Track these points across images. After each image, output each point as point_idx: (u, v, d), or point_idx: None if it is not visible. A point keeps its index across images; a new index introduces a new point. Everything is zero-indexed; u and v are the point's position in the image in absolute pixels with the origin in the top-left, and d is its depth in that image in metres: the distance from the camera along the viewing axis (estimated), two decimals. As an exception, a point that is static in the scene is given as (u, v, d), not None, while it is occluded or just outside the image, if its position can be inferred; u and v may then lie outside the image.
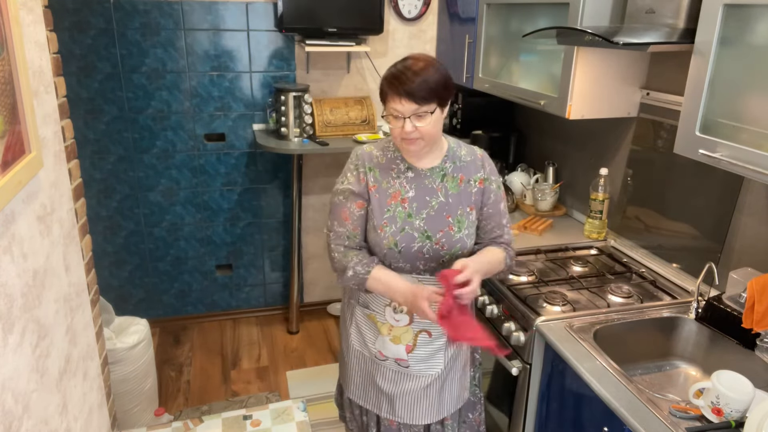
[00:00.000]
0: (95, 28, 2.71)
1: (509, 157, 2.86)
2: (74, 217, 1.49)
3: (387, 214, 1.45)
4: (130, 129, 2.92)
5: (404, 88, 1.31)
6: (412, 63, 1.34)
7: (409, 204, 1.45)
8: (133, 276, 3.20)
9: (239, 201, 3.20)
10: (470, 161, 1.51)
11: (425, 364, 1.55)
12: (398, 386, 1.58)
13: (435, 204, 1.45)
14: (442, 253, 1.45)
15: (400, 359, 1.54)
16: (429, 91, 1.32)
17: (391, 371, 1.57)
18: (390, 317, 1.52)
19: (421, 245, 1.44)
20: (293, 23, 2.75)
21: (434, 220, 1.44)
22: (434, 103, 1.34)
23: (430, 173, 1.47)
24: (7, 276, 1.02)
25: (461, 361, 1.62)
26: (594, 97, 1.92)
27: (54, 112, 1.38)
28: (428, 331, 1.52)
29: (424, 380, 1.56)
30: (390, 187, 1.46)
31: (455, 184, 1.47)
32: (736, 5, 1.27)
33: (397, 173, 1.47)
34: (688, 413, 1.34)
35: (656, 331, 1.67)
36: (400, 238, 1.43)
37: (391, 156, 1.48)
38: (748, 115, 1.29)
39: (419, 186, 1.46)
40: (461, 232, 1.46)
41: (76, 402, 1.37)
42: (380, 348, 1.56)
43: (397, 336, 1.52)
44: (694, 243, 1.83)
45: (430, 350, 1.54)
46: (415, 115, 1.33)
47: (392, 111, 1.35)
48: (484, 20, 2.43)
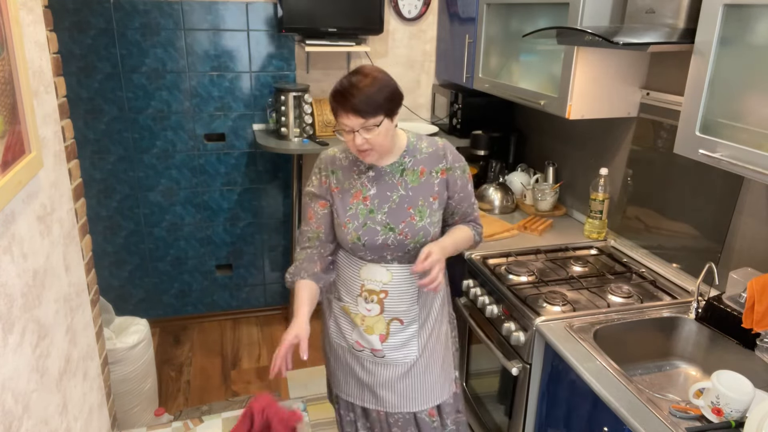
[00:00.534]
0: (95, 28, 2.71)
1: (509, 157, 2.86)
2: (74, 217, 1.49)
3: (350, 212, 1.53)
4: (130, 129, 2.92)
5: (350, 104, 1.36)
6: (358, 80, 1.38)
7: (370, 201, 1.53)
8: (133, 276, 3.20)
9: (239, 201, 3.20)
10: (431, 153, 1.57)
11: (399, 352, 1.61)
12: (377, 376, 1.64)
13: (396, 198, 1.53)
14: (407, 242, 1.52)
15: (375, 350, 1.61)
16: (374, 105, 1.37)
17: (369, 362, 1.64)
18: (362, 307, 1.59)
19: (385, 237, 1.51)
20: (293, 23, 2.75)
21: (396, 213, 1.52)
22: (381, 115, 1.39)
23: (389, 169, 1.54)
24: (7, 276, 1.02)
25: (439, 351, 1.68)
26: (594, 97, 1.92)
27: (54, 112, 1.38)
28: (400, 319, 1.59)
29: (401, 368, 1.63)
30: (352, 187, 1.54)
31: (416, 177, 1.54)
32: (736, 5, 1.27)
33: (359, 173, 1.55)
34: (688, 413, 1.34)
35: (656, 331, 1.67)
36: (363, 233, 1.51)
37: (353, 158, 1.55)
38: (748, 115, 1.29)
39: (380, 183, 1.53)
40: (423, 220, 1.52)
41: (76, 402, 1.37)
42: (357, 338, 1.63)
43: (370, 326, 1.59)
44: (694, 243, 1.83)
45: (404, 338, 1.61)
46: (363, 128, 1.39)
47: (341, 125, 1.41)
48: (484, 20, 2.43)
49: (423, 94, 3.27)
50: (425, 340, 1.64)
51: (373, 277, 1.56)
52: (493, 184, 2.59)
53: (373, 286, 1.57)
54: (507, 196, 2.55)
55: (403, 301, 1.58)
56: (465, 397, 2.23)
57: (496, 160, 2.81)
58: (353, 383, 1.70)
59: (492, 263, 2.04)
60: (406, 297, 1.58)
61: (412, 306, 1.59)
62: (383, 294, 1.56)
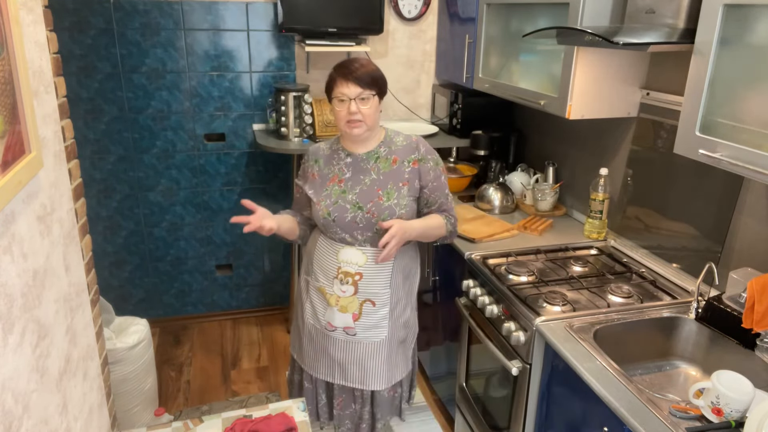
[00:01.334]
0: (95, 28, 2.71)
1: (509, 157, 2.86)
2: (74, 217, 1.49)
3: (325, 192, 1.73)
4: (130, 129, 2.92)
5: (352, 74, 1.60)
6: (357, 59, 1.66)
7: (345, 183, 1.72)
8: (133, 276, 3.20)
9: (239, 201, 3.20)
10: (405, 146, 1.75)
11: (371, 331, 1.78)
12: (348, 354, 1.81)
13: (368, 181, 1.71)
14: (374, 220, 1.68)
15: (348, 327, 1.77)
16: (371, 78, 1.62)
17: (341, 340, 1.80)
18: (337, 288, 1.74)
19: (354, 215, 1.68)
20: (293, 23, 2.75)
21: (366, 194, 1.70)
22: (374, 89, 1.63)
23: (366, 157, 1.73)
24: (7, 276, 1.02)
25: (402, 333, 1.86)
26: (594, 97, 1.92)
27: (54, 112, 1.38)
28: (372, 300, 1.75)
29: (372, 347, 1.80)
30: (330, 173, 1.75)
31: (388, 164, 1.73)
32: (736, 5, 1.27)
33: (338, 161, 1.75)
34: (688, 413, 1.34)
35: (656, 331, 1.67)
36: (333, 209, 1.69)
37: (335, 148, 1.78)
38: (748, 115, 1.29)
39: (356, 168, 1.73)
40: (389, 201, 1.69)
41: (76, 402, 1.37)
42: (329, 319, 1.78)
43: (344, 306, 1.75)
44: (694, 243, 1.83)
45: (375, 318, 1.77)
46: (359, 98, 1.61)
47: (339, 95, 1.62)
48: (484, 20, 2.43)
49: (423, 94, 3.27)
50: (394, 323, 1.81)
51: (349, 259, 1.72)
52: (493, 184, 2.59)
53: (349, 269, 1.72)
54: (507, 196, 2.55)
55: (376, 283, 1.74)
56: (465, 397, 2.23)
57: (496, 160, 2.81)
58: (324, 361, 1.85)
59: (492, 263, 2.04)
60: (379, 280, 1.74)
61: (384, 289, 1.75)
62: (358, 276, 1.72)
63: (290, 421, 1.54)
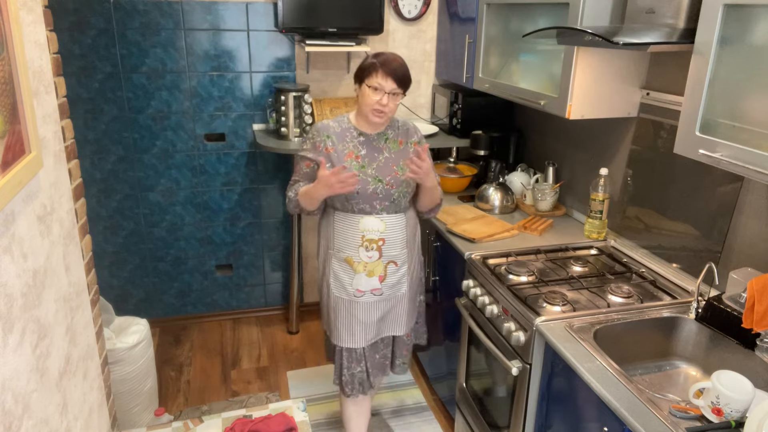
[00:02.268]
0: (95, 28, 2.71)
1: (509, 157, 2.86)
2: (74, 217, 1.49)
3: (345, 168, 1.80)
4: (130, 129, 2.92)
5: (393, 70, 1.74)
6: (396, 56, 1.78)
7: (362, 159, 1.87)
8: (133, 276, 3.20)
9: (239, 201, 3.20)
10: (407, 129, 1.96)
11: (394, 288, 1.97)
12: (375, 313, 1.98)
13: (382, 158, 1.88)
14: (393, 191, 1.86)
15: (375, 289, 1.94)
16: (407, 79, 1.78)
17: (369, 303, 1.96)
18: (364, 255, 1.90)
19: (375, 187, 1.85)
20: (293, 23, 2.75)
21: (383, 169, 1.87)
22: (404, 89, 1.79)
23: (376, 137, 1.89)
24: (7, 276, 1.02)
25: (416, 285, 2.08)
26: (594, 97, 1.92)
27: (54, 112, 1.38)
28: (395, 261, 1.93)
29: (395, 300, 1.99)
30: (345, 149, 1.87)
31: (396, 145, 1.91)
32: (736, 5, 1.27)
33: (351, 138, 1.88)
34: (688, 413, 1.34)
35: (656, 331, 1.67)
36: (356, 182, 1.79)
37: (345, 126, 1.89)
38: (748, 115, 1.29)
39: (369, 146, 1.88)
40: (403, 175, 1.87)
41: (76, 402, 1.37)
42: (357, 285, 1.93)
43: (371, 270, 1.92)
44: (694, 243, 1.83)
45: (397, 276, 1.96)
46: (393, 93, 1.76)
47: (375, 84, 1.75)
48: (484, 20, 2.43)
49: (423, 94, 3.27)
50: (411, 277, 2.01)
51: (371, 227, 1.87)
52: (493, 184, 2.59)
53: (372, 236, 1.88)
54: (507, 196, 2.55)
55: (396, 245, 1.92)
56: (465, 397, 2.23)
57: (496, 160, 2.81)
58: (357, 327, 1.98)
59: (492, 263, 2.04)
60: (398, 242, 1.92)
61: (403, 250, 1.94)
62: (381, 241, 1.89)
63: (290, 421, 1.54)
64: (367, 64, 1.77)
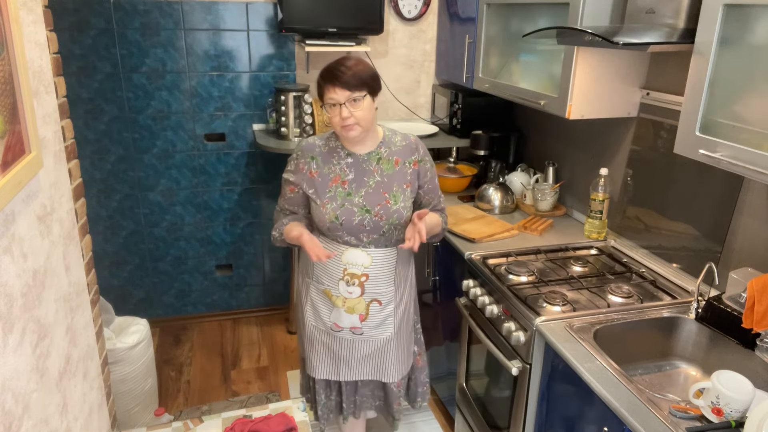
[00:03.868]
0: (95, 28, 2.71)
1: (509, 157, 2.86)
2: (74, 217, 1.49)
3: (329, 194, 1.67)
4: (130, 129, 2.92)
5: (338, 79, 1.53)
6: (345, 61, 1.58)
7: (348, 185, 1.67)
8: (133, 276, 3.20)
9: (239, 201, 3.20)
10: (405, 146, 1.73)
11: (377, 329, 1.78)
12: (354, 352, 1.81)
13: (372, 183, 1.68)
14: (382, 223, 1.66)
15: (355, 327, 1.76)
16: (359, 79, 1.55)
17: (347, 340, 1.79)
18: (343, 290, 1.72)
19: (362, 218, 1.65)
20: (293, 23, 2.75)
21: (372, 197, 1.66)
22: (365, 90, 1.56)
23: (367, 157, 1.69)
24: (7, 276, 1.02)
25: (406, 330, 1.87)
26: (594, 97, 1.92)
27: (54, 112, 1.38)
28: (378, 300, 1.74)
29: (377, 343, 1.80)
30: (331, 172, 1.68)
31: (390, 166, 1.70)
32: (736, 5, 1.27)
33: (338, 160, 1.69)
34: (688, 413, 1.34)
35: (656, 331, 1.67)
36: (341, 212, 1.65)
37: (332, 145, 1.71)
38: (748, 115, 1.29)
39: (358, 169, 1.68)
40: (398, 204, 1.68)
41: (76, 402, 1.37)
42: (335, 320, 1.76)
43: (351, 307, 1.73)
44: (694, 243, 1.83)
45: (381, 317, 1.77)
46: (350, 101, 1.55)
47: (329, 100, 1.57)
48: (484, 20, 2.43)
49: (423, 94, 3.27)
50: (399, 319, 1.81)
51: (355, 261, 1.69)
52: (493, 184, 2.59)
53: (355, 270, 1.70)
54: (507, 196, 2.55)
55: (382, 283, 1.73)
56: (465, 397, 2.23)
57: (496, 160, 2.81)
58: (328, 361, 1.85)
59: (492, 263, 2.04)
60: (385, 279, 1.73)
61: (389, 287, 1.75)
62: (364, 277, 1.70)
63: (290, 421, 1.54)
64: (317, 79, 1.60)
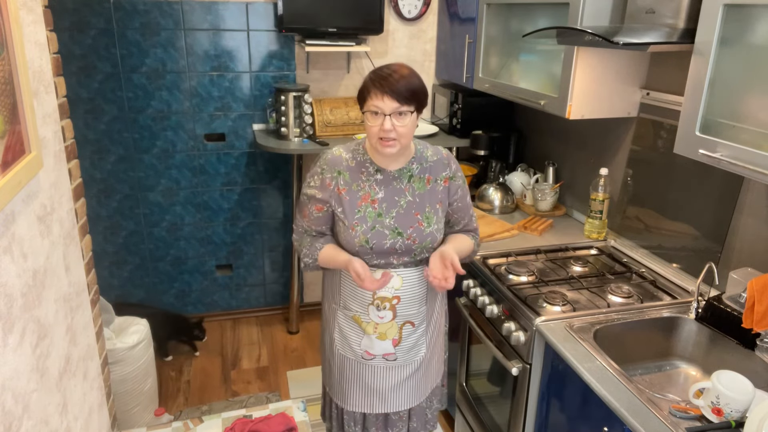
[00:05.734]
0: (95, 28, 2.71)
1: (509, 157, 2.86)
2: (74, 217, 1.49)
3: (358, 215, 1.52)
4: (130, 129, 2.92)
5: (389, 86, 1.38)
6: (398, 67, 1.42)
7: (378, 204, 1.52)
8: (133, 276, 3.20)
9: (239, 201, 3.20)
10: (436, 161, 1.58)
11: (411, 352, 1.65)
12: (386, 379, 1.66)
13: (404, 203, 1.54)
14: (414, 247, 1.53)
15: (388, 354, 1.63)
16: (411, 92, 1.41)
17: (380, 368, 1.65)
18: (374, 315, 1.58)
19: (393, 242, 1.52)
20: (293, 23, 2.75)
21: (404, 218, 1.53)
22: (413, 104, 1.43)
23: (398, 174, 1.54)
24: (7, 276, 1.02)
25: (439, 346, 1.75)
26: (594, 97, 1.92)
27: (54, 112, 1.38)
28: (411, 322, 1.61)
29: (412, 367, 1.67)
30: (360, 190, 1.53)
31: (422, 184, 1.56)
32: (736, 5, 1.27)
33: (367, 176, 1.53)
34: (688, 413, 1.34)
35: (656, 331, 1.67)
36: (371, 236, 1.51)
37: (360, 159, 1.54)
38: (748, 115, 1.29)
39: (388, 187, 1.54)
40: (431, 227, 1.54)
41: (76, 402, 1.37)
42: (366, 348, 1.63)
43: (383, 333, 1.60)
44: (694, 243, 1.83)
45: (414, 338, 1.64)
46: (396, 113, 1.41)
47: (372, 107, 1.41)
48: (484, 20, 2.43)
49: (423, 94, 3.26)
50: (431, 337, 1.69)
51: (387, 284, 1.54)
52: (493, 184, 2.59)
53: (385, 293, 1.56)
54: (507, 196, 2.55)
55: (413, 304, 1.60)
56: (465, 397, 2.23)
57: (496, 160, 2.81)
58: (359, 393, 1.69)
59: (492, 263, 2.04)
60: (416, 300, 1.60)
61: (421, 308, 1.62)
62: (395, 300, 1.57)
63: (290, 421, 1.54)
64: (365, 81, 1.45)
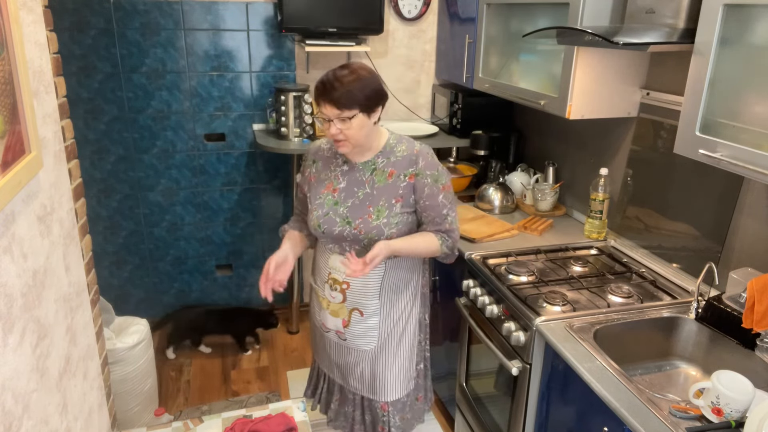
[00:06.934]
0: (95, 28, 2.71)
1: (509, 157, 2.86)
2: (74, 217, 1.49)
3: (318, 200, 1.67)
4: (130, 129, 2.92)
5: (329, 95, 1.47)
6: (342, 74, 1.48)
7: (338, 193, 1.64)
8: (133, 276, 3.19)
9: (239, 201, 3.20)
10: (404, 157, 1.62)
11: (360, 339, 1.75)
12: (341, 356, 1.81)
13: (361, 194, 1.63)
14: (361, 237, 1.61)
15: (339, 331, 1.76)
16: (351, 100, 1.47)
17: (335, 342, 1.80)
18: (328, 293, 1.73)
19: (342, 229, 1.62)
20: (293, 23, 2.75)
21: (356, 209, 1.62)
22: (356, 110, 1.48)
23: (362, 167, 1.64)
24: (7, 276, 1.02)
25: (403, 353, 1.79)
26: (594, 97, 1.92)
27: (54, 112, 1.38)
28: (360, 310, 1.71)
29: (361, 354, 1.77)
30: (326, 179, 1.67)
31: (383, 178, 1.62)
32: (736, 5, 1.27)
33: (335, 166, 1.67)
34: (688, 413, 1.34)
35: (656, 331, 1.67)
36: (323, 221, 1.64)
37: (334, 150, 1.67)
38: (748, 115, 1.29)
39: (350, 178, 1.64)
40: (378, 220, 1.60)
41: (76, 402, 1.37)
42: (323, 320, 1.78)
43: (334, 310, 1.74)
44: (694, 243, 1.83)
45: (363, 328, 1.73)
46: (338, 119, 1.49)
47: (319, 114, 1.53)
48: (484, 20, 2.43)
49: (423, 94, 3.27)
50: (386, 335, 1.75)
51: (338, 267, 1.68)
52: (493, 184, 2.59)
53: (337, 276, 1.69)
54: (507, 196, 2.55)
55: (363, 294, 1.69)
56: (465, 397, 2.23)
57: (496, 160, 2.81)
58: (325, 357, 1.88)
59: (492, 263, 2.04)
60: (366, 291, 1.69)
61: (373, 300, 1.70)
62: (345, 285, 1.69)
63: (290, 421, 1.54)
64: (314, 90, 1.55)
